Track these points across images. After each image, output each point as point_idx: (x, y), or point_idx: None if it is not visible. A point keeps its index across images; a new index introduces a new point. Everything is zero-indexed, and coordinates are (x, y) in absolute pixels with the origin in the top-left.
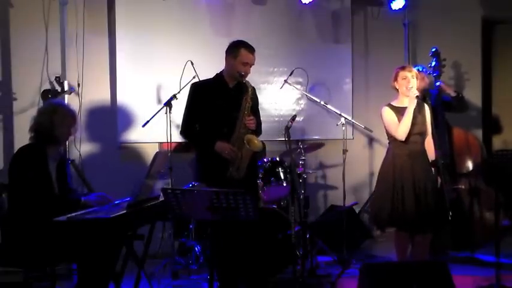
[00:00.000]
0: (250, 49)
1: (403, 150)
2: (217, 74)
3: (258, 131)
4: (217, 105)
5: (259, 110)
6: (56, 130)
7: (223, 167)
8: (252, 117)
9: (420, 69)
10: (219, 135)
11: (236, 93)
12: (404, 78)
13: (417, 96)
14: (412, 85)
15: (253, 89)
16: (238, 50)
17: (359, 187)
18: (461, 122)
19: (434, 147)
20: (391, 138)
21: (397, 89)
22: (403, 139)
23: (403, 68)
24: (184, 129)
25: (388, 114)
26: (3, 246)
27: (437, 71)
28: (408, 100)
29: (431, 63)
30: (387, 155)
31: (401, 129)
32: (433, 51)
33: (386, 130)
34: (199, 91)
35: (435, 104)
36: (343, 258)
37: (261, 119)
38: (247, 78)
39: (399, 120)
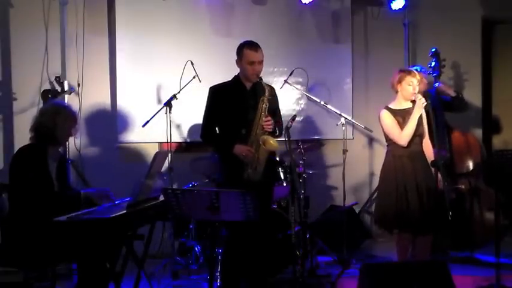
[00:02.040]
0: (253, 47)
1: (403, 152)
2: (234, 76)
3: (278, 131)
4: (235, 107)
5: (280, 109)
6: (57, 131)
7: (242, 169)
8: (268, 119)
9: (418, 70)
10: (238, 137)
11: (253, 95)
12: (410, 85)
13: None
14: (417, 92)
15: (271, 89)
16: (242, 51)
17: (359, 187)
18: (461, 122)
19: (433, 147)
20: (390, 141)
21: (397, 91)
22: (406, 144)
23: (409, 73)
24: (205, 133)
25: (388, 118)
26: (3, 246)
27: (437, 71)
28: (415, 107)
29: (431, 64)
30: (387, 157)
31: (405, 136)
32: (432, 52)
33: (385, 133)
34: (218, 94)
35: (434, 104)
36: (343, 258)
37: None
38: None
39: (398, 122)
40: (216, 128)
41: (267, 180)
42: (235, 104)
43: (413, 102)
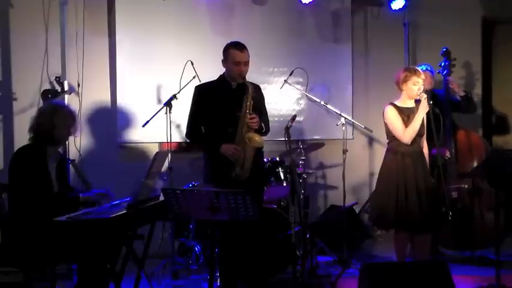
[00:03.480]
0: (239, 47)
1: (405, 150)
2: (220, 75)
3: (264, 129)
4: (221, 105)
5: (266, 107)
6: (56, 130)
7: (230, 168)
8: (253, 116)
9: (428, 69)
10: (224, 136)
11: (239, 93)
12: (415, 84)
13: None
14: (422, 91)
15: (256, 87)
16: (227, 51)
17: (359, 187)
18: (461, 121)
19: (434, 146)
20: (392, 137)
21: (402, 90)
22: (409, 142)
23: (415, 72)
24: (190, 132)
25: (393, 115)
26: (3, 246)
27: (447, 69)
28: (420, 107)
29: (441, 63)
30: (388, 154)
31: (409, 133)
32: (443, 51)
33: (387, 129)
34: (203, 93)
35: (443, 104)
36: (343, 258)
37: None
38: (248, 78)
39: (403, 120)
40: (202, 127)
41: (255, 178)
42: (221, 102)
43: (418, 101)
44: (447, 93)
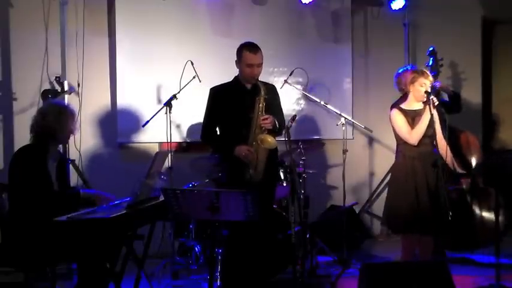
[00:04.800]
0: (252, 49)
1: (414, 153)
2: (235, 77)
3: (279, 129)
4: (235, 107)
5: (281, 106)
6: (61, 131)
7: (243, 170)
8: (266, 117)
9: (409, 68)
10: (238, 137)
11: (254, 94)
12: (423, 86)
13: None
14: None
15: (269, 88)
16: (241, 53)
17: (359, 187)
18: (461, 122)
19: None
20: (401, 141)
21: (409, 92)
22: (416, 143)
23: (422, 74)
24: (205, 135)
25: (399, 119)
26: (3, 246)
27: (435, 70)
28: (426, 108)
29: (428, 63)
30: (397, 158)
31: (415, 134)
32: (430, 51)
33: (395, 133)
34: (218, 95)
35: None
36: (343, 258)
37: None
38: (261, 78)
39: (408, 123)
40: (217, 129)
41: (268, 180)
42: (236, 104)
43: (425, 103)
44: (438, 93)
